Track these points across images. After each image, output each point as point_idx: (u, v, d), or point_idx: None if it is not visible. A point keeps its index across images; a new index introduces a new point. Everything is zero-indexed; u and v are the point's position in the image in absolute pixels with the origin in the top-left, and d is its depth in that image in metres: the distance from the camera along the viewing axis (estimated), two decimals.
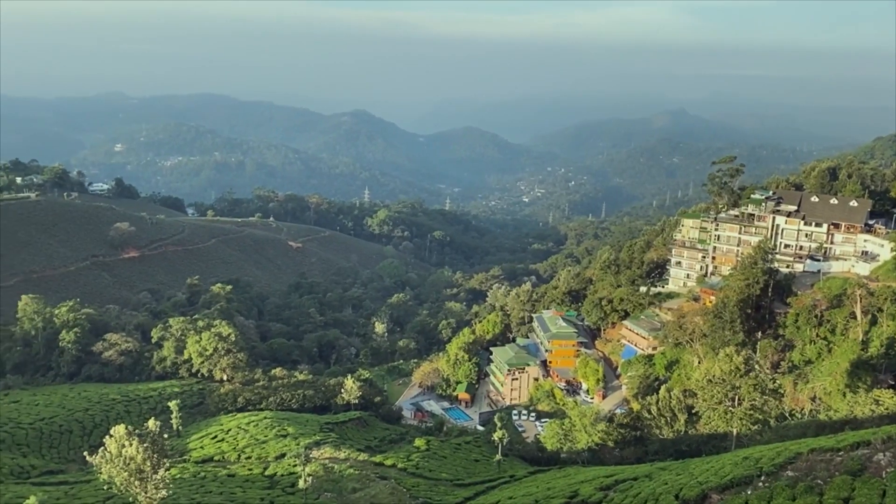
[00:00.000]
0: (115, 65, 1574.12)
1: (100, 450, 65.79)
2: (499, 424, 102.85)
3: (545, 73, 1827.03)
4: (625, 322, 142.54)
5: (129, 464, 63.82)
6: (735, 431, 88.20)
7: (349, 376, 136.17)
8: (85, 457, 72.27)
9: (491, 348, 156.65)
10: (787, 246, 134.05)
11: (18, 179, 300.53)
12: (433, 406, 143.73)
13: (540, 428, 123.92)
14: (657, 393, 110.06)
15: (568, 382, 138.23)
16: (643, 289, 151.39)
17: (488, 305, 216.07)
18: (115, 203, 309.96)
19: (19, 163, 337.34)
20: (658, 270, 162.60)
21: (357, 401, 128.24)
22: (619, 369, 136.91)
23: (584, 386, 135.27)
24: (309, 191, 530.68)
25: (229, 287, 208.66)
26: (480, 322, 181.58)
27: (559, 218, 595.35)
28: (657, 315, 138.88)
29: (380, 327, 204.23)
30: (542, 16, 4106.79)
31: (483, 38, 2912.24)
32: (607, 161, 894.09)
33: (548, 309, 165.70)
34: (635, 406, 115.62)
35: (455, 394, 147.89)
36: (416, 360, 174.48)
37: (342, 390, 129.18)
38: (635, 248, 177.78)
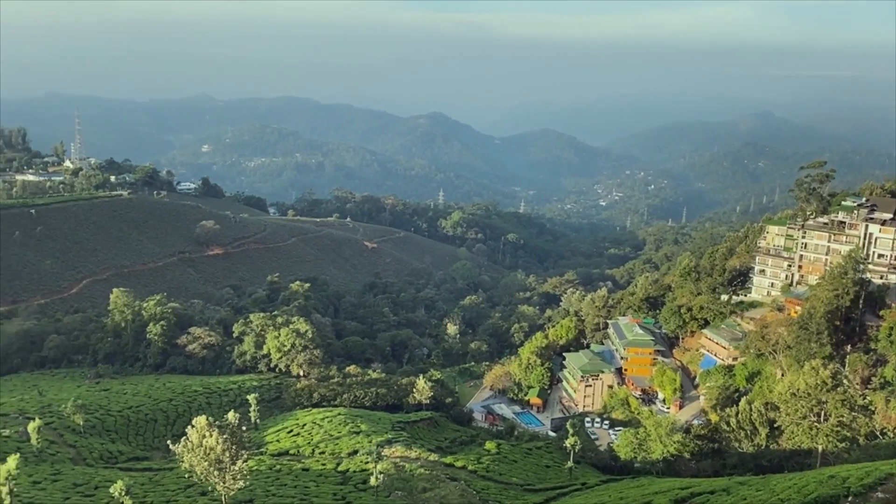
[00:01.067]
0: (203, 69, 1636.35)
1: (182, 439, 68.48)
2: (571, 431, 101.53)
3: (625, 74, 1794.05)
4: (704, 331, 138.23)
5: (209, 454, 66.12)
6: (820, 448, 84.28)
7: (421, 376, 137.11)
8: (168, 445, 75.42)
9: (564, 354, 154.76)
10: (880, 256, 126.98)
11: (112, 178, 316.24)
12: (504, 410, 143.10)
13: (613, 436, 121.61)
14: (737, 405, 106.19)
15: (643, 391, 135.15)
16: (724, 297, 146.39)
17: (562, 310, 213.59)
18: (201, 202, 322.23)
19: (113, 162, 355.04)
20: (740, 278, 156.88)
21: (428, 401, 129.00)
22: (696, 379, 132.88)
23: (661, 395, 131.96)
24: (385, 192, 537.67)
25: (307, 285, 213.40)
26: (554, 327, 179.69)
27: (637, 222, 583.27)
28: (738, 324, 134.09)
29: (452, 329, 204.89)
30: (623, 16, 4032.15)
31: (562, 39, 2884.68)
32: (689, 165, 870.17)
33: (624, 315, 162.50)
34: (713, 417, 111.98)
35: (526, 398, 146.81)
36: (487, 363, 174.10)
37: (414, 390, 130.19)
38: (717, 254, 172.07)
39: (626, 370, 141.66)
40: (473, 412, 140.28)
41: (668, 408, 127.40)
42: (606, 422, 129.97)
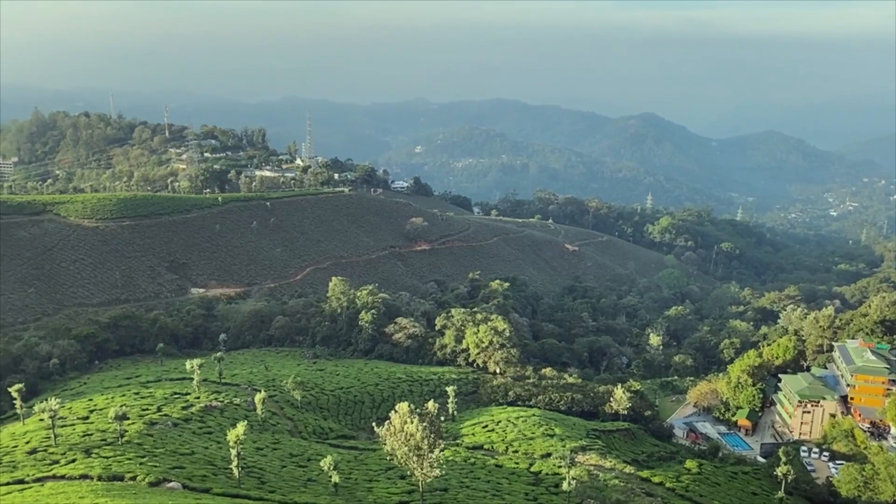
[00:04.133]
0: (421, 73, 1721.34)
1: (385, 423, 72.10)
2: (784, 459, 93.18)
3: (866, 72, 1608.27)
4: None
5: (409, 440, 68.98)
6: None
7: (619, 385, 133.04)
8: (373, 427, 79.81)
9: (780, 375, 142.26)
10: None
11: (336, 175, 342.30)
12: (708, 428, 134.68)
13: (833, 470, 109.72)
14: None
15: (873, 424, 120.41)
16: None
17: (779, 328, 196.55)
18: (412, 200, 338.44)
19: (337, 161, 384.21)
20: None
21: (626, 411, 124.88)
22: None
23: (894, 430, 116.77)
24: (589, 194, 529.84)
25: (507, 284, 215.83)
26: (769, 345, 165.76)
27: (874, 236, 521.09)
28: None
29: (655, 339, 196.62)
30: (866, 9, 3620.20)
31: (793, 35, 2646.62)
32: None
33: (853, 338, 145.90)
34: None
35: (734, 419, 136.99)
36: (692, 378, 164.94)
37: (611, 399, 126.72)
38: None
39: (852, 399, 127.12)
40: (674, 428, 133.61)
41: None
42: (826, 453, 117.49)
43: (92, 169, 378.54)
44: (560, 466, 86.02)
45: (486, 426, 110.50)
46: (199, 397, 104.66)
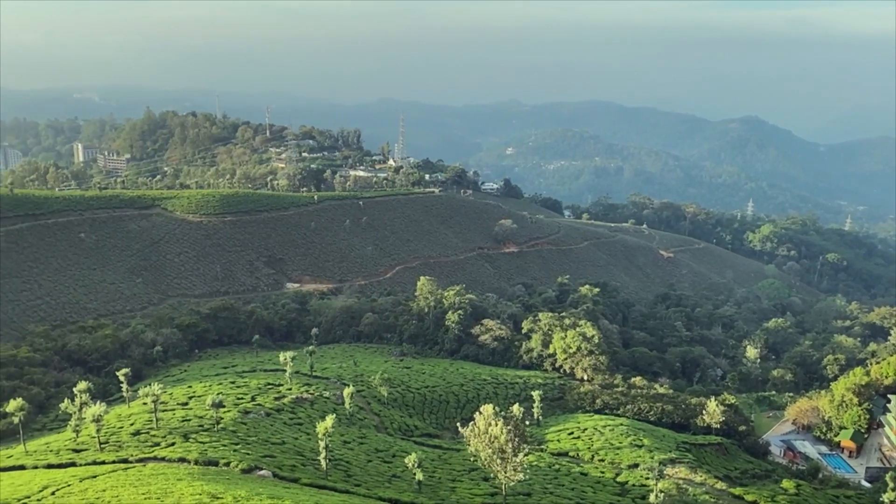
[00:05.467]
0: (514, 75, 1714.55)
1: (470, 424, 72.08)
2: (891, 485, 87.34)
3: None
4: None
5: (493, 442, 68.70)
6: None
7: (713, 398, 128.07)
8: (457, 427, 79.98)
9: (889, 395, 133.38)
10: None
11: (427, 176, 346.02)
12: (807, 448, 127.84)
13: None
14: None
15: None
16: None
17: (890, 345, 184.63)
18: (501, 201, 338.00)
19: (428, 162, 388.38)
20: None
21: (718, 425, 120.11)
22: None
23: None
24: (686, 199, 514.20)
25: (597, 290, 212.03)
26: (878, 363, 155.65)
27: None
28: None
29: (752, 352, 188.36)
30: None
31: None
32: None
33: None
34: None
35: (837, 440, 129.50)
36: (791, 395, 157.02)
37: (703, 412, 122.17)
38: None
39: None
40: (770, 445, 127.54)
41: None
42: None
43: (197, 166, 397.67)
44: (648, 478, 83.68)
45: (572, 433, 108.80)
46: (290, 389, 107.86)
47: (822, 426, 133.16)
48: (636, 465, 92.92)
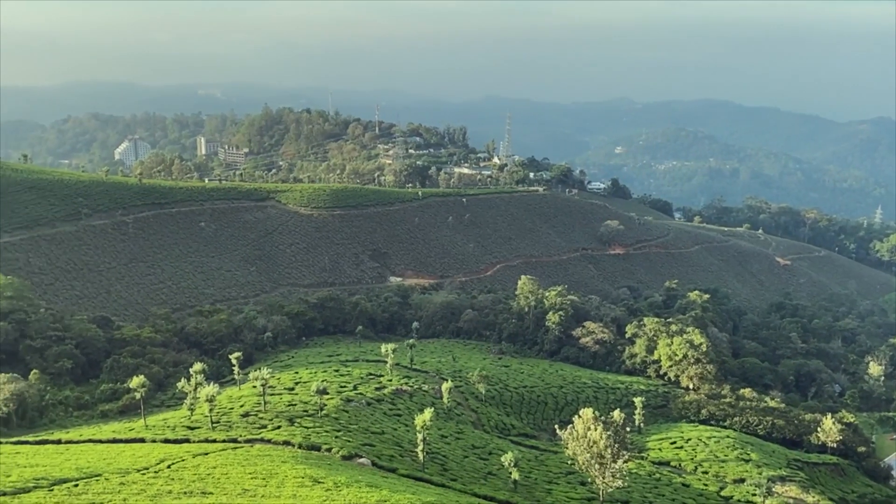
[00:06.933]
0: (626, 72, 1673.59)
1: (568, 427, 71.13)
2: None
3: None
4: None
5: (591, 447, 67.53)
6: None
7: (829, 415, 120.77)
8: (555, 429, 79.09)
9: None
10: None
11: (531, 174, 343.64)
12: None
13: None
14: None
15: None
16: None
17: None
18: (608, 202, 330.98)
19: (534, 160, 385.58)
20: None
21: (835, 444, 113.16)
22: None
23: None
24: (807, 204, 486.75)
25: (706, 296, 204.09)
26: None
27: None
28: None
29: (875, 368, 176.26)
30: None
31: None
32: None
33: None
34: None
35: None
36: None
37: (818, 429, 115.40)
38: None
39: None
40: (893, 469, 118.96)
41: None
42: None
43: (310, 161, 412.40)
44: (755, 494, 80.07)
45: (675, 442, 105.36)
46: (391, 380, 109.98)
47: None
48: (742, 480, 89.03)
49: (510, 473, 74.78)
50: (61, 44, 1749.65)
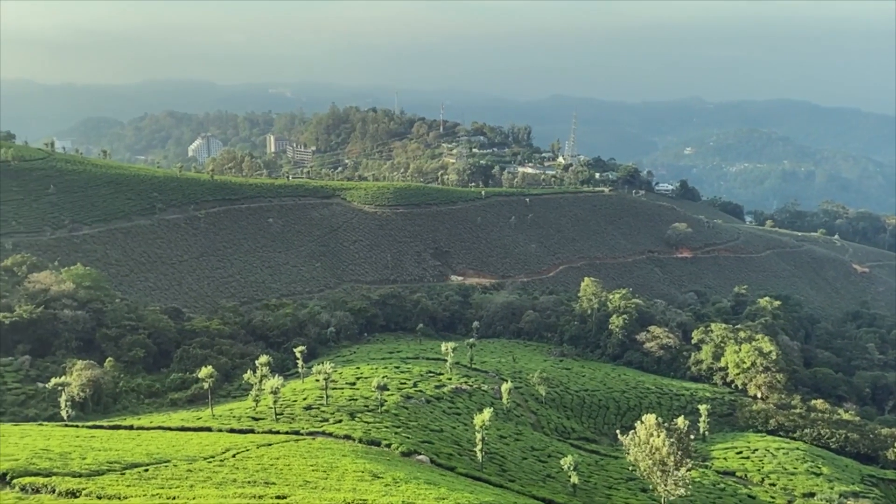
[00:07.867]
0: (697, 71, 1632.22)
1: (630, 432, 69.78)
2: None
3: None
4: None
5: (653, 453, 66.07)
6: None
7: None
8: (617, 434, 77.77)
9: None
10: None
11: (597, 175, 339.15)
12: None
13: None
14: None
15: None
16: None
17: None
18: (676, 203, 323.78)
19: (600, 160, 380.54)
20: None
21: None
22: None
23: None
24: (888, 210, 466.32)
25: (777, 303, 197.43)
26: None
27: None
28: None
29: None
30: None
31: None
32: None
33: None
34: None
35: None
36: None
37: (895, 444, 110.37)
38: None
39: None
40: None
41: None
42: None
43: (375, 159, 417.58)
44: None
45: (741, 452, 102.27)
46: (450, 379, 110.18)
47: None
48: (812, 494, 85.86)
49: (569, 477, 73.92)
50: (140, 44, 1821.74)
